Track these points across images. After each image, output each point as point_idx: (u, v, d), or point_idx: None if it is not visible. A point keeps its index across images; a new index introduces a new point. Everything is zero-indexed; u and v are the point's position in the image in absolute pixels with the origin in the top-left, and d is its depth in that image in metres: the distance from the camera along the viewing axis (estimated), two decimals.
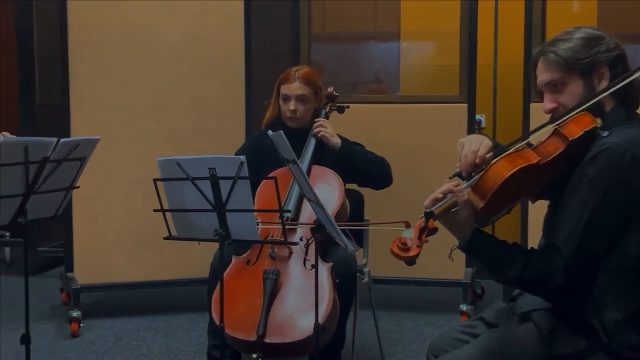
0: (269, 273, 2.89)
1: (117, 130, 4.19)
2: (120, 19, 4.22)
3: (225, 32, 4.34)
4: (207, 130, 4.31)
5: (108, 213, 4.25)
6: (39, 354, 3.69)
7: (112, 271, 4.28)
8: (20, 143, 2.36)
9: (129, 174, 4.21)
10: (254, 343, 2.75)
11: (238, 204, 2.44)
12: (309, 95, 3.36)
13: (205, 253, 3.09)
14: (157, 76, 4.28)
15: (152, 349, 3.85)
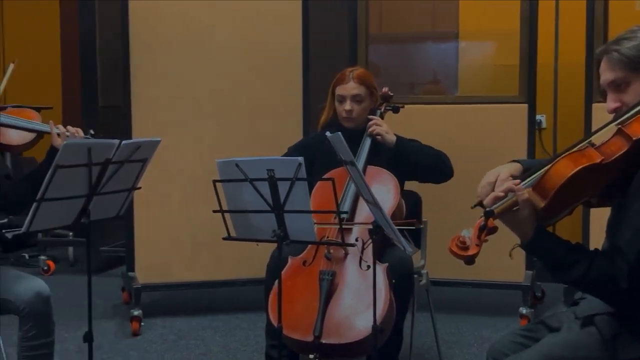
0: (325, 274, 2.89)
1: (177, 132, 4.25)
2: (180, 21, 4.27)
3: (282, 34, 4.36)
4: (264, 132, 4.34)
5: (168, 213, 4.31)
6: (101, 351, 3.76)
7: (172, 271, 4.33)
8: (83, 145, 2.41)
9: (188, 175, 4.26)
10: (311, 343, 2.76)
11: (296, 205, 2.45)
12: (364, 95, 3.35)
13: (263, 253, 3.11)
14: (216, 78, 4.32)
15: (210, 348, 3.89)
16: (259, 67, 4.36)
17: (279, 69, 4.37)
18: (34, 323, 2.60)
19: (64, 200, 2.41)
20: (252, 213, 2.53)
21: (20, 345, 2.62)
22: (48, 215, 2.40)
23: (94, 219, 2.56)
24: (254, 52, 4.35)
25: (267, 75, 4.37)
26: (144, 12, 4.22)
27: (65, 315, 4.25)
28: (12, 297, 2.60)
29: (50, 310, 2.65)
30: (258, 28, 4.34)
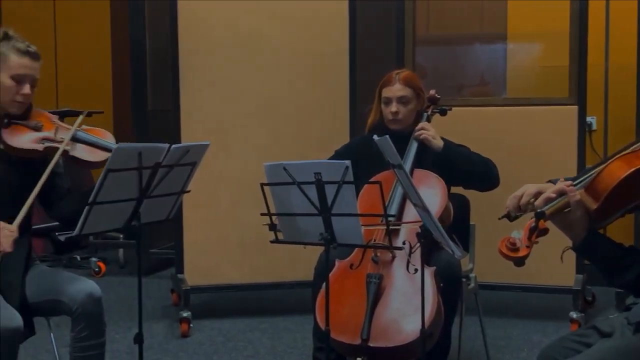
0: (372, 277, 2.88)
1: (225, 136, 4.28)
2: (229, 26, 4.30)
3: (329, 36, 4.37)
4: (312, 135, 4.35)
5: (217, 216, 4.34)
6: (150, 352, 3.80)
7: (220, 273, 4.37)
8: (134, 149, 2.44)
9: (237, 178, 4.29)
10: (358, 347, 2.75)
11: (343, 208, 2.45)
12: (410, 96, 3.34)
13: (311, 256, 3.12)
14: (264, 82, 4.35)
15: (258, 350, 3.91)
16: (307, 70, 4.37)
17: (326, 72, 4.38)
18: (86, 324, 2.64)
19: (115, 203, 2.45)
20: (300, 216, 2.54)
21: (72, 346, 2.66)
22: (100, 218, 2.44)
23: (145, 222, 2.59)
24: (302, 55, 4.36)
25: (315, 79, 4.38)
26: (192, 17, 4.26)
27: (115, 316, 4.32)
28: (65, 298, 2.64)
29: (102, 311, 2.69)
30: (305, 31, 4.36)
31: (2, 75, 2.65)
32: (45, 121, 2.73)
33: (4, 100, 2.67)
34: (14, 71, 2.66)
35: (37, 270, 2.79)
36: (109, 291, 4.79)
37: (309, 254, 2.94)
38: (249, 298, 4.78)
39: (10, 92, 2.66)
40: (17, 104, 2.68)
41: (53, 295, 2.67)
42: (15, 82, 2.66)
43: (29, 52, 2.70)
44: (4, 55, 2.66)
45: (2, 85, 2.65)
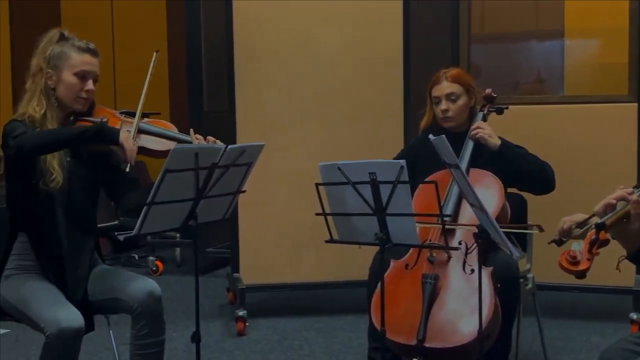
0: (428, 277, 2.87)
1: (279, 136, 4.30)
2: (284, 27, 4.32)
3: (383, 37, 4.35)
4: (366, 136, 4.34)
5: (272, 216, 4.37)
6: (207, 351, 3.84)
7: (275, 272, 4.39)
8: (191, 150, 2.46)
9: (291, 178, 4.31)
10: (414, 347, 2.74)
11: (398, 208, 2.44)
12: (460, 93, 3.31)
13: (365, 256, 3.11)
14: (318, 82, 4.35)
15: (314, 349, 3.92)
16: (361, 71, 4.37)
17: (380, 72, 4.37)
18: (146, 322, 2.67)
19: (172, 203, 2.48)
20: (354, 216, 2.54)
21: (132, 344, 2.70)
22: (158, 218, 2.47)
23: (202, 222, 2.62)
24: (356, 55, 4.36)
25: (369, 79, 4.37)
26: (248, 18, 4.29)
27: (172, 314, 4.38)
28: (125, 296, 2.69)
29: (162, 309, 2.72)
30: (360, 31, 4.35)
31: (65, 73, 2.71)
32: (110, 116, 2.78)
33: (69, 97, 2.72)
34: (77, 68, 2.71)
35: (98, 269, 2.85)
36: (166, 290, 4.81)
37: (363, 253, 2.94)
38: (303, 297, 4.79)
39: (74, 89, 2.71)
40: (82, 101, 2.74)
41: (114, 293, 2.72)
42: (79, 78, 2.71)
43: (89, 49, 2.76)
44: (65, 53, 2.71)
45: (66, 83, 2.71)
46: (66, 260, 2.68)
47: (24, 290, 2.63)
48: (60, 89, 2.72)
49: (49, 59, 2.71)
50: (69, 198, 2.70)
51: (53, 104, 2.71)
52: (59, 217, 2.68)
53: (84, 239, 2.76)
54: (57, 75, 2.71)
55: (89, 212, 2.79)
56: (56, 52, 2.71)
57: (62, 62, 2.71)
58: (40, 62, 2.72)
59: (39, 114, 2.67)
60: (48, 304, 2.56)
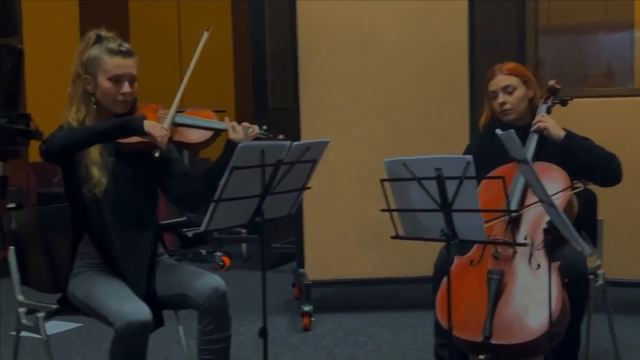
0: (493, 273, 2.82)
1: (344, 133, 4.29)
2: (348, 24, 4.31)
3: (448, 32, 4.30)
4: (431, 130, 4.30)
5: (336, 212, 4.36)
6: (273, 345, 3.86)
7: (340, 267, 4.39)
8: (257, 147, 2.47)
9: (356, 174, 4.30)
10: (480, 344, 2.70)
11: (464, 203, 2.41)
12: (516, 84, 3.24)
13: (430, 252, 3.08)
14: (383, 78, 4.33)
15: (379, 345, 3.91)
16: (425, 66, 4.33)
17: (444, 67, 4.32)
18: (212, 318, 2.69)
19: (239, 200, 2.49)
20: (420, 212, 2.52)
21: (199, 339, 2.72)
22: (225, 214, 2.49)
23: (268, 218, 2.63)
24: (420, 50, 4.32)
25: (433, 73, 4.32)
26: (312, 15, 4.29)
27: (239, 309, 4.41)
28: (192, 292, 2.71)
29: (227, 305, 2.73)
30: (424, 26, 4.31)
31: (100, 78, 2.71)
32: (149, 113, 2.77)
33: (107, 101, 2.73)
34: (110, 73, 2.70)
35: (165, 265, 2.88)
36: (232, 285, 4.86)
37: (428, 249, 2.91)
38: (368, 293, 4.78)
39: (110, 94, 2.71)
40: (120, 104, 2.74)
41: (180, 289, 2.74)
42: (113, 82, 2.71)
43: (120, 51, 2.72)
44: (97, 59, 2.70)
45: (102, 88, 2.71)
46: (118, 258, 2.71)
47: (92, 287, 2.68)
48: (98, 93, 2.72)
49: (85, 64, 2.71)
50: (116, 198, 2.72)
51: (92, 110, 2.72)
52: (107, 216, 2.71)
53: (139, 235, 2.78)
54: (94, 81, 2.71)
55: (141, 209, 2.80)
56: (91, 56, 2.71)
57: (97, 67, 2.70)
58: (78, 68, 2.73)
59: (77, 121, 2.70)
60: (115, 298, 2.60)
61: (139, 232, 2.78)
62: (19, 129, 1.88)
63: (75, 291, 2.73)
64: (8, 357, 3.07)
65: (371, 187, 2.74)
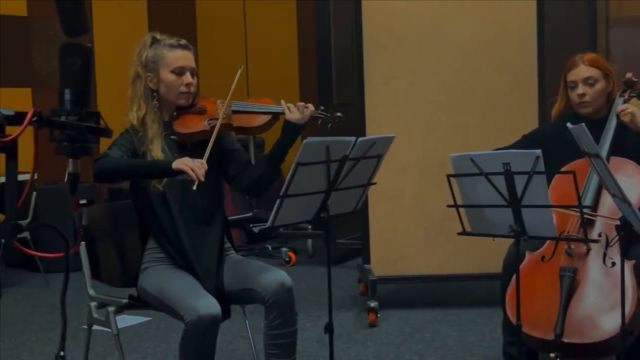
0: (566, 270, 2.75)
1: (409, 127, 4.25)
2: (413, 19, 4.26)
3: (516, 23, 4.22)
4: (498, 125, 4.22)
5: (402, 208, 4.32)
6: (339, 341, 3.85)
7: (406, 264, 4.35)
8: (322, 143, 2.46)
9: (421, 170, 4.25)
10: (552, 342, 2.64)
11: (534, 199, 2.36)
12: (598, 77, 3.15)
13: (498, 247, 3.03)
14: (449, 72, 4.27)
15: (446, 342, 3.86)
16: (492, 58, 4.25)
17: (513, 59, 4.23)
18: (278, 313, 2.69)
19: (305, 196, 2.49)
20: (488, 208, 2.47)
21: (265, 334, 2.73)
22: (291, 210, 2.49)
23: (333, 214, 2.62)
24: (487, 42, 4.24)
25: (501, 66, 4.24)
26: (376, 11, 4.26)
27: (305, 304, 4.42)
28: (258, 287, 2.71)
29: (293, 300, 2.73)
30: (490, 18, 4.23)
31: (163, 72, 2.76)
32: (209, 104, 2.83)
33: (172, 95, 2.78)
34: (173, 65, 2.76)
35: (232, 260, 2.89)
36: (298, 280, 4.90)
37: (496, 245, 2.85)
38: (435, 289, 4.73)
39: (174, 86, 2.77)
40: (184, 95, 2.78)
41: (247, 284, 2.75)
42: (176, 75, 2.76)
43: (180, 45, 2.80)
44: (159, 54, 2.77)
45: (166, 82, 2.77)
46: (189, 253, 2.74)
47: (162, 281, 2.71)
48: (161, 88, 2.78)
49: (145, 63, 2.77)
50: (182, 193, 2.74)
51: (154, 107, 2.77)
52: (175, 212, 2.74)
53: (207, 230, 2.80)
54: (157, 77, 2.77)
55: (207, 204, 2.81)
56: (150, 55, 2.78)
57: (158, 63, 2.77)
58: (138, 69, 2.79)
59: (137, 120, 2.75)
60: (186, 293, 2.62)
61: (206, 227, 2.80)
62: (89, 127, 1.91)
63: (145, 285, 2.76)
64: (80, 350, 3.13)
65: (437, 181, 2.70)
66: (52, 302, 4.85)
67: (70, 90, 1.92)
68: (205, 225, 2.80)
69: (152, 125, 2.75)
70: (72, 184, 1.99)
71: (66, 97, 1.93)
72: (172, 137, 2.78)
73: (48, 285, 5.27)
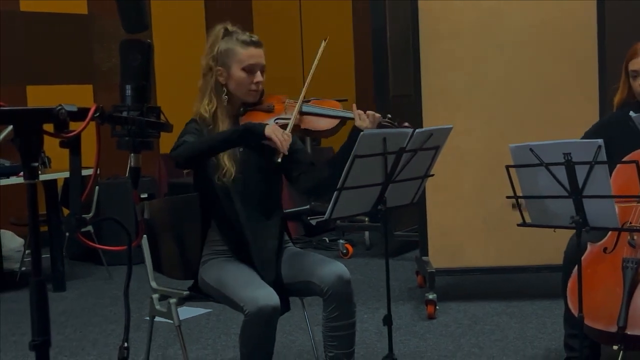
0: (629, 261, 2.69)
1: (467, 119, 4.20)
2: (469, 10, 4.21)
3: (574, 11, 4.13)
4: (558, 115, 4.15)
5: (460, 199, 4.28)
6: (398, 333, 3.84)
7: (464, 255, 4.31)
8: (379, 135, 2.46)
9: (480, 161, 4.20)
10: (614, 334, 2.59)
11: (595, 189, 2.32)
12: None
13: (559, 239, 2.98)
14: (506, 62, 4.21)
15: (506, 334, 3.82)
16: (552, 48, 4.17)
17: (572, 48, 4.15)
18: (336, 305, 2.70)
19: (362, 188, 2.48)
20: (548, 199, 2.43)
21: (324, 325, 2.73)
22: (348, 203, 2.49)
23: (390, 206, 2.61)
24: (546, 32, 4.17)
25: (561, 56, 4.17)
26: (433, 3, 4.21)
27: (363, 296, 4.42)
28: (316, 279, 2.72)
29: (351, 292, 2.73)
30: (548, 7, 4.16)
31: (234, 69, 2.74)
32: (276, 102, 2.81)
33: (241, 92, 2.77)
34: (245, 63, 2.74)
35: (290, 253, 2.90)
36: (355, 272, 4.90)
37: (556, 236, 2.81)
38: (494, 281, 4.68)
39: (245, 83, 2.76)
40: (253, 93, 2.78)
41: (305, 277, 2.76)
42: (247, 72, 2.74)
43: (253, 42, 2.77)
44: (231, 50, 2.75)
45: (236, 79, 2.75)
46: (250, 245, 2.75)
47: (222, 274, 2.74)
48: (231, 84, 2.76)
49: (217, 56, 2.75)
50: (244, 187, 2.76)
51: (224, 100, 2.77)
52: (237, 205, 2.75)
53: (267, 223, 2.81)
54: (227, 72, 2.75)
55: (268, 197, 2.83)
56: (222, 49, 2.75)
57: (230, 58, 2.74)
58: (209, 61, 2.77)
59: (209, 113, 2.74)
60: (246, 284, 2.64)
61: (266, 220, 2.81)
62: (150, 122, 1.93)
63: (205, 278, 2.79)
64: (142, 341, 3.18)
65: (496, 173, 2.67)
66: (115, 294, 4.95)
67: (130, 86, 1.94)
68: (266, 218, 2.81)
69: (223, 120, 2.75)
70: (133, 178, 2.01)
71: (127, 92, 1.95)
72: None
73: (111, 278, 5.37)
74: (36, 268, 1.74)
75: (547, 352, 3.53)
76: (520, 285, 4.62)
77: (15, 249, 5.63)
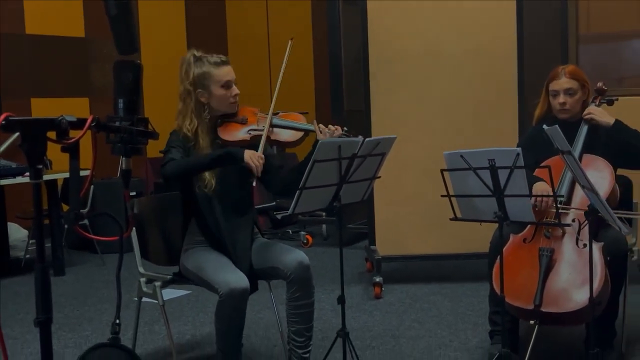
0: (544, 250, 2.74)
1: (409, 130, 4.24)
2: (412, 35, 4.25)
3: (499, 44, 4.20)
4: (485, 127, 4.21)
5: (403, 197, 4.32)
6: (350, 310, 3.84)
7: (406, 245, 4.35)
8: (335, 143, 2.47)
9: (419, 165, 4.24)
10: (531, 311, 2.64)
11: (515, 189, 2.35)
12: (576, 88, 3.12)
13: (485, 231, 3.02)
14: (444, 83, 4.26)
15: (441, 311, 3.85)
16: (481, 72, 4.24)
17: (497, 75, 4.22)
18: (298, 287, 2.70)
19: (320, 188, 2.49)
20: (476, 197, 2.46)
21: (287, 305, 2.74)
22: (308, 200, 2.49)
23: (344, 203, 2.62)
24: (477, 58, 4.23)
25: (488, 79, 4.23)
26: (381, 29, 4.25)
27: (321, 280, 4.42)
28: (281, 265, 2.72)
29: (311, 276, 2.74)
30: (478, 36, 4.22)
31: (214, 88, 2.71)
32: (250, 115, 2.79)
33: (223, 106, 2.74)
34: (222, 81, 2.71)
35: (259, 243, 2.90)
36: (315, 259, 4.90)
37: (484, 229, 2.84)
38: (431, 267, 4.72)
39: (225, 99, 2.74)
40: (232, 105, 2.76)
41: (271, 263, 2.76)
42: (225, 88, 2.73)
43: (222, 62, 2.74)
44: (207, 73, 2.71)
45: (217, 96, 2.72)
46: (226, 239, 2.75)
47: (200, 260, 2.73)
48: (213, 102, 2.73)
49: (194, 81, 2.71)
50: (222, 193, 2.75)
51: (205, 118, 2.73)
52: (216, 209, 2.74)
53: (241, 220, 2.80)
54: (208, 92, 2.72)
55: (243, 199, 2.82)
56: (198, 73, 2.71)
57: (208, 80, 2.70)
58: (187, 86, 2.72)
59: (191, 132, 2.71)
60: (220, 269, 2.63)
61: (240, 217, 2.81)
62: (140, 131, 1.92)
63: (186, 264, 2.78)
64: (131, 319, 3.15)
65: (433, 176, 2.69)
66: (108, 278, 4.89)
67: (123, 100, 1.93)
68: (240, 216, 2.81)
69: (204, 138, 2.72)
70: (125, 179, 2.00)
71: (120, 105, 1.94)
72: (217, 141, 2.76)
73: (104, 264, 5.31)
74: (40, 255, 1.72)
75: (475, 326, 3.57)
76: (453, 270, 4.67)
77: (20, 239, 5.53)
